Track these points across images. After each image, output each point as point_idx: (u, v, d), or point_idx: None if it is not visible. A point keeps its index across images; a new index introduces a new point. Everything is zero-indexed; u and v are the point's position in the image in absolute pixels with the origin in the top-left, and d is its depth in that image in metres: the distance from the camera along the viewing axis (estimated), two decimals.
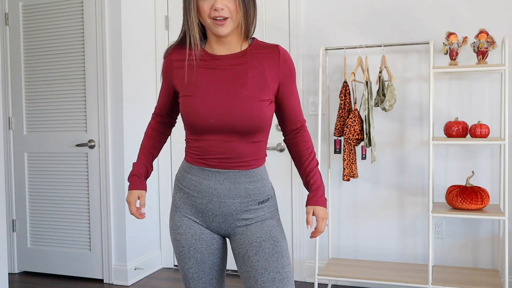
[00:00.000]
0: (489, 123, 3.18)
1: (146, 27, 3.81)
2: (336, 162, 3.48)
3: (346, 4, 3.44)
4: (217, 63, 1.60)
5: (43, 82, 3.74)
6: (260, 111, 1.56)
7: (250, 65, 1.59)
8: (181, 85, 1.62)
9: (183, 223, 1.65)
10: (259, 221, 1.62)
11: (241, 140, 1.58)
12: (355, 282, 3.41)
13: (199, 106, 1.56)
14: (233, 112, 1.54)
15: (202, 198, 1.61)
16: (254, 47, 1.63)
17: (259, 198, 1.63)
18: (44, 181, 3.79)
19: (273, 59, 1.60)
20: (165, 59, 1.68)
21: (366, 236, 3.48)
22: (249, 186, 1.61)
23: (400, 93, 3.33)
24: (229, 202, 1.60)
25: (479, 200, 2.94)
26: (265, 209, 1.64)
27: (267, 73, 1.59)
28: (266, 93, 1.58)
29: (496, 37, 3.12)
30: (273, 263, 1.57)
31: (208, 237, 1.65)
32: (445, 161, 3.29)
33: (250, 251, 1.59)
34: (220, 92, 1.57)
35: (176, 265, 3.99)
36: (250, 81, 1.57)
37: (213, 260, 1.67)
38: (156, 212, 3.95)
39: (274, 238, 1.60)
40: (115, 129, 3.57)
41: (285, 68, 1.62)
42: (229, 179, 1.60)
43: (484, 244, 3.26)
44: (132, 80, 3.64)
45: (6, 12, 3.82)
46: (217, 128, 1.56)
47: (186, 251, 1.64)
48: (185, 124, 1.63)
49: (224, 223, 1.63)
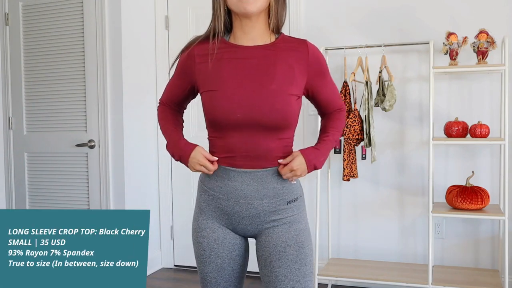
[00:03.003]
0: (489, 123, 3.18)
1: (146, 27, 3.81)
2: (336, 162, 3.48)
3: (346, 4, 3.44)
4: (242, 53, 1.52)
5: (43, 82, 3.74)
6: (289, 106, 1.49)
7: (278, 57, 1.52)
8: (203, 81, 1.54)
9: (207, 226, 1.58)
10: (287, 223, 1.55)
11: (267, 137, 1.50)
12: (355, 282, 3.41)
13: (224, 100, 1.48)
14: (260, 106, 1.47)
15: (228, 200, 1.55)
16: (281, 41, 1.56)
17: (288, 198, 1.56)
18: (44, 181, 3.79)
19: (301, 55, 1.54)
20: (186, 53, 1.59)
21: (366, 236, 3.47)
22: (277, 185, 1.54)
23: (400, 93, 3.33)
24: (257, 203, 1.53)
25: (479, 200, 2.94)
26: (294, 209, 1.57)
27: (295, 68, 1.52)
28: (294, 88, 1.51)
29: (496, 37, 3.12)
30: (295, 271, 1.51)
31: (231, 243, 1.59)
32: (445, 161, 3.29)
33: (273, 255, 1.53)
34: (246, 85, 1.49)
35: (176, 265, 3.99)
36: (278, 74, 1.49)
37: (233, 267, 1.61)
38: (156, 212, 3.95)
39: (300, 244, 1.54)
40: (115, 129, 3.57)
41: (314, 63, 1.56)
42: (256, 179, 1.53)
43: (484, 244, 3.25)
44: (132, 80, 3.64)
45: (6, 12, 3.82)
46: (243, 124, 1.48)
47: (207, 255, 1.59)
48: (208, 121, 1.55)
49: (250, 225, 1.56)
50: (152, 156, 3.89)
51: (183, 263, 3.96)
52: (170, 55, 3.88)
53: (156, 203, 3.95)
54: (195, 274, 3.78)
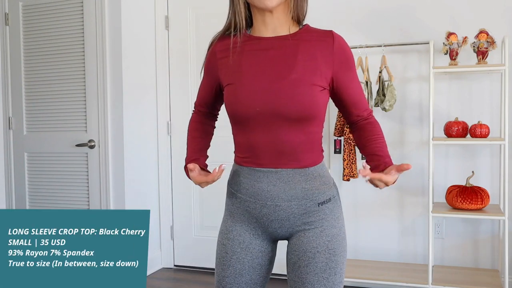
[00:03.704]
0: (489, 123, 3.18)
1: (146, 27, 3.81)
2: (336, 162, 3.48)
3: (346, 4, 3.44)
4: (263, 44, 1.47)
5: (43, 82, 3.74)
6: (312, 96, 1.40)
7: (300, 47, 1.45)
8: (225, 75, 1.50)
9: (234, 228, 1.52)
10: (319, 226, 1.46)
11: (291, 131, 1.42)
12: (355, 282, 3.41)
13: (242, 93, 1.43)
14: (280, 97, 1.40)
15: (255, 203, 1.47)
16: (304, 31, 1.50)
17: (319, 199, 1.47)
18: (44, 181, 3.79)
19: (326, 46, 1.46)
20: (208, 51, 1.56)
21: (366, 236, 3.47)
22: (305, 185, 1.45)
23: (400, 93, 3.33)
24: (285, 205, 1.45)
25: (479, 200, 2.94)
26: (327, 212, 1.47)
27: (318, 58, 1.44)
28: (318, 77, 1.43)
29: (496, 37, 3.12)
30: (323, 280, 1.43)
31: (256, 249, 1.51)
32: (445, 161, 3.29)
33: (302, 260, 1.45)
34: (264, 76, 1.43)
35: (176, 265, 3.98)
36: (299, 64, 1.42)
37: (251, 276, 1.52)
38: (156, 212, 3.95)
39: (331, 251, 1.44)
40: (115, 129, 3.57)
41: (340, 55, 1.46)
42: (282, 179, 1.45)
43: (484, 244, 3.25)
44: (132, 80, 3.64)
45: (6, 12, 3.82)
46: (264, 117, 1.41)
47: (229, 258, 1.52)
48: (230, 116, 1.49)
49: (280, 228, 1.48)
50: (152, 156, 3.89)
51: (183, 263, 3.96)
52: (170, 55, 3.89)
53: (156, 203, 3.95)
54: (195, 274, 3.78)
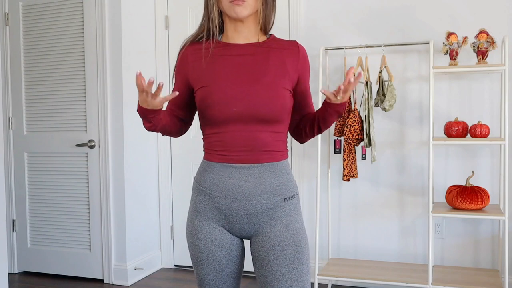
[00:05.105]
0: (489, 123, 3.18)
1: (146, 27, 3.81)
2: (336, 162, 3.48)
3: (346, 4, 3.44)
4: (236, 50, 1.58)
5: (43, 82, 3.74)
6: (284, 99, 1.53)
7: (270, 54, 1.58)
8: (197, 78, 1.57)
9: (203, 227, 1.58)
10: (285, 221, 1.56)
11: (263, 130, 1.53)
12: (355, 282, 3.41)
13: (219, 94, 1.51)
14: (256, 99, 1.50)
15: (226, 198, 1.55)
16: (272, 40, 1.62)
17: (285, 194, 1.57)
18: (44, 181, 3.79)
19: (293, 53, 1.60)
20: (180, 54, 1.63)
21: (366, 236, 3.48)
22: (274, 181, 1.55)
23: (400, 93, 3.33)
24: (255, 200, 1.53)
25: (479, 200, 2.94)
26: (291, 207, 1.58)
27: (287, 64, 1.57)
28: (287, 81, 1.56)
29: (496, 37, 3.12)
30: (293, 270, 1.53)
31: (228, 243, 1.59)
32: (445, 161, 3.29)
33: (271, 255, 1.54)
34: (240, 79, 1.53)
35: (176, 265, 3.99)
36: (271, 68, 1.55)
37: (231, 268, 1.61)
38: (156, 212, 3.95)
39: (297, 243, 1.55)
40: (115, 129, 3.57)
41: (304, 62, 1.62)
42: (253, 174, 1.54)
43: (484, 244, 3.26)
44: (132, 80, 3.64)
45: (6, 12, 3.82)
46: (240, 117, 1.51)
47: (205, 257, 1.59)
48: (204, 118, 1.56)
49: (248, 224, 1.56)
50: (152, 156, 3.90)
51: (183, 263, 3.97)
52: (170, 55, 3.89)
53: (156, 203, 3.95)
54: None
